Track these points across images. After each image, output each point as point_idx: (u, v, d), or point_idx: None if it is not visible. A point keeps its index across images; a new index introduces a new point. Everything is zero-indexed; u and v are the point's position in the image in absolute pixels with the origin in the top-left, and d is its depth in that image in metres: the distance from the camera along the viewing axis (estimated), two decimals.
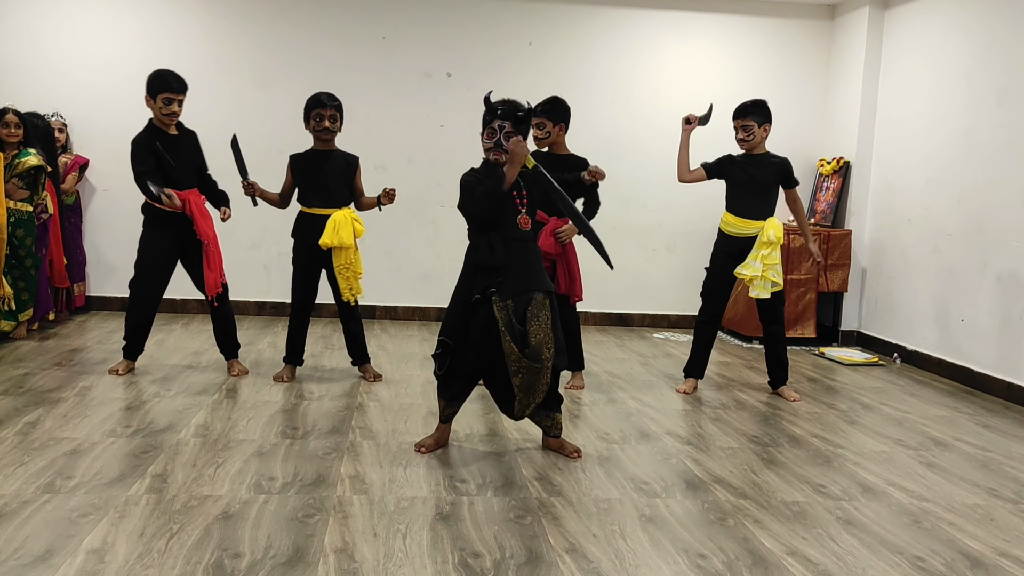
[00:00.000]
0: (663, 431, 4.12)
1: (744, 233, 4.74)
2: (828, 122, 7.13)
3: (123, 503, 2.93)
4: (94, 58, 6.59)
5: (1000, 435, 4.34)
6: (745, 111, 4.73)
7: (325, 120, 4.56)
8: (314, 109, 4.56)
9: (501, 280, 3.43)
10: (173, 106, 4.51)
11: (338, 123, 4.64)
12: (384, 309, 7.02)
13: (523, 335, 3.42)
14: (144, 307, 4.72)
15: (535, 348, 3.40)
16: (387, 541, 2.72)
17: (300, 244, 4.67)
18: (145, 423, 3.86)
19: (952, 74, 5.77)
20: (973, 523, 3.11)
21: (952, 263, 5.67)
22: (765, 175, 4.74)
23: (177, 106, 4.53)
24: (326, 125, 4.57)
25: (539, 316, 3.44)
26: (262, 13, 6.73)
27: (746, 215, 4.74)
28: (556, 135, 4.59)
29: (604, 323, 7.18)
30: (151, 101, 4.51)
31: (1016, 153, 5.14)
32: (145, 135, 4.54)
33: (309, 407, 4.27)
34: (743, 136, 4.74)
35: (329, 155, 4.65)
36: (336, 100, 4.61)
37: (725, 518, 3.05)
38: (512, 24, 6.90)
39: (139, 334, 4.78)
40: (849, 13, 6.87)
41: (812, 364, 5.97)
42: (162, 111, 4.50)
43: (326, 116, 4.56)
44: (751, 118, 4.71)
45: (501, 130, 3.44)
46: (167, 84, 4.48)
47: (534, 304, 3.44)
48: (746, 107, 4.75)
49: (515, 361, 3.41)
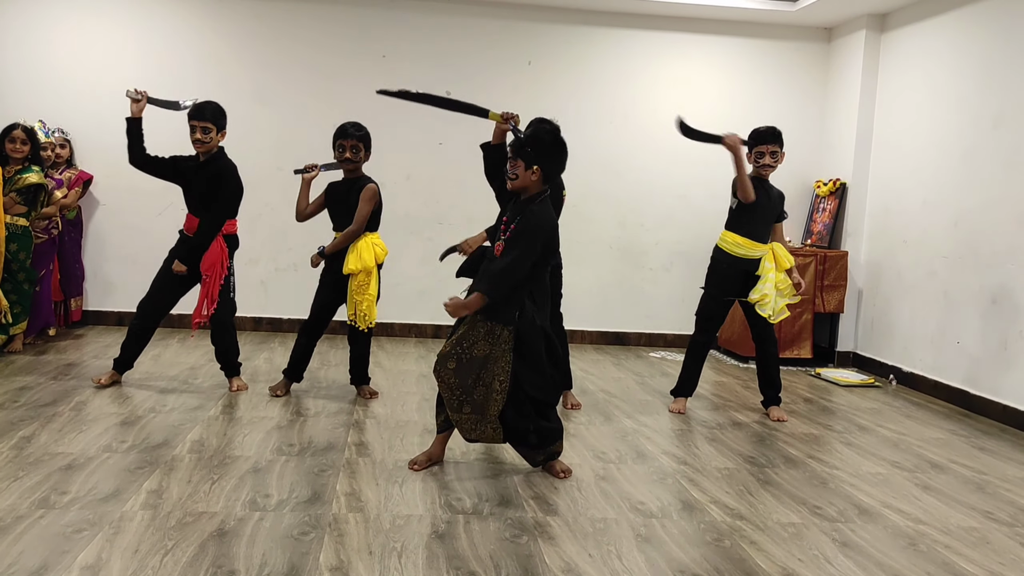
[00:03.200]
0: (659, 451, 4.12)
1: (751, 256, 4.76)
2: (825, 144, 7.17)
3: (118, 519, 2.92)
4: (97, 74, 6.62)
5: (996, 458, 4.34)
6: (777, 137, 4.72)
7: (347, 151, 4.62)
8: (338, 140, 4.63)
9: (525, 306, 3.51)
10: (196, 133, 4.57)
11: (361, 153, 4.68)
12: (380, 326, 7.01)
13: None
14: (142, 318, 4.77)
15: (440, 355, 3.48)
16: (383, 559, 2.71)
17: (329, 267, 4.75)
18: (141, 438, 3.85)
19: (948, 97, 5.81)
20: (969, 546, 3.11)
21: (948, 285, 5.69)
22: (775, 203, 4.81)
23: (200, 133, 4.57)
24: (348, 156, 4.63)
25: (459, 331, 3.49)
26: (264, 30, 6.77)
27: (757, 238, 4.76)
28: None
29: (600, 342, 7.18)
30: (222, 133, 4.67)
31: (1012, 176, 5.17)
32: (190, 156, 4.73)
33: (306, 423, 4.26)
34: (770, 162, 4.71)
35: (354, 183, 4.70)
36: (362, 130, 4.66)
37: (721, 539, 3.04)
38: (511, 44, 6.95)
39: (133, 347, 4.80)
40: (846, 36, 6.93)
41: (808, 385, 5.97)
42: (190, 137, 4.60)
43: (348, 147, 4.62)
44: (778, 144, 4.72)
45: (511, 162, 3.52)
46: (199, 111, 4.59)
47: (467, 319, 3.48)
48: (777, 133, 4.73)
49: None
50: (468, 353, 3.42)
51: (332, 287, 4.73)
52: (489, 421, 3.49)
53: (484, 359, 3.42)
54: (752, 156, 4.73)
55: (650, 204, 7.16)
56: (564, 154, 3.56)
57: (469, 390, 3.44)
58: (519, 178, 3.44)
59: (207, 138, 4.58)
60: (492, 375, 3.43)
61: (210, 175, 4.65)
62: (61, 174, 6.27)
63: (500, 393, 3.44)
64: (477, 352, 3.42)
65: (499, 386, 3.43)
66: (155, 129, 5.05)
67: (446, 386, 3.46)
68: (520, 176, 3.44)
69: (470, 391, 3.44)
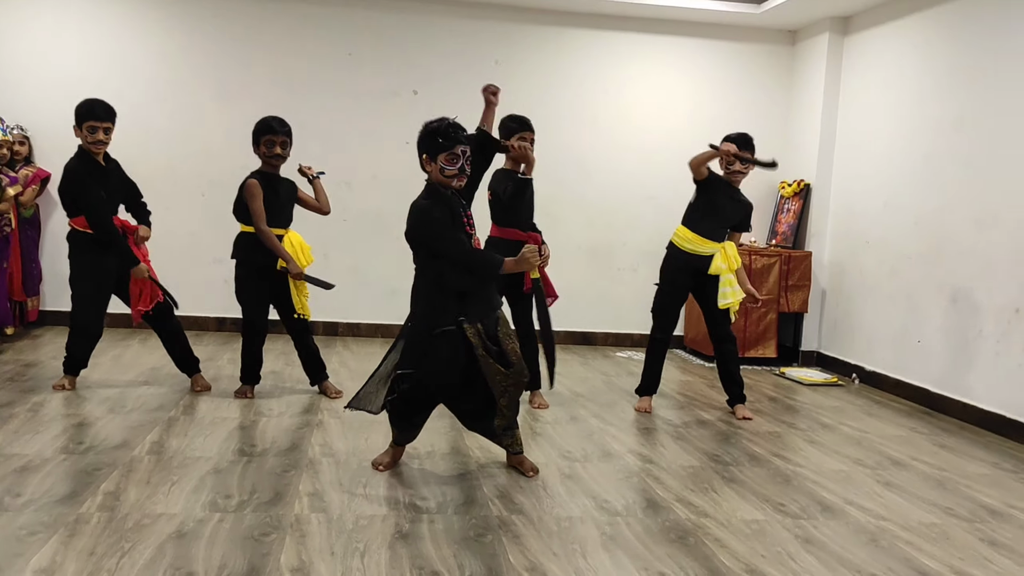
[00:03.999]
0: (625, 449, 4.12)
1: (700, 252, 4.78)
2: (789, 145, 7.24)
3: (73, 521, 2.85)
4: (58, 71, 6.49)
5: (956, 455, 4.40)
6: (748, 144, 4.73)
7: (276, 147, 4.53)
8: (267, 136, 4.51)
9: (467, 305, 3.41)
10: (99, 134, 4.42)
11: (288, 149, 4.61)
12: (347, 326, 6.97)
13: (500, 354, 3.45)
14: (89, 337, 4.65)
15: (519, 364, 3.47)
16: (345, 560, 2.68)
17: (252, 265, 4.58)
18: (99, 440, 3.78)
19: (910, 100, 5.89)
20: (929, 541, 3.15)
21: (909, 285, 5.77)
22: (737, 210, 4.80)
23: (103, 134, 4.44)
24: (277, 152, 4.54)
25: (509, 333, 3.52)
26: (228, 27, 6.68)
27: (709, 236, 4.77)
28: None
29: (568, 341, 7.19)
30: (78, 130, 4.43)
31: (972, 177, 5.25)
32: (80, 164, 4.45)
33: (268, 424, 4.21)
34: (741, 168, 4.72)
35: (280, 179, 4.65)
36: (287, 126, 4.58)
37: (685, 536, 3.05)
38: (479, 44, 6.93)
39: (83, 357, 4.71)
40: (810, 39, 7.00)
41: (773, 384, 6.02)
42: (88, 139, 4.42)
43: (277, 143, 4.53)
44: (749, 151, 4.73)
45: (464, 155, 3.41)
46: (92, 112, 4.40)
47: (501, 323, 3.51)
48: (750, 140, 4.75)
49: (501, 380, 3.43)
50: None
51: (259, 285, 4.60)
52: None
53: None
54: (724, 162, 4.75)
55: (618, 205, 7.18)
56: None
57: None
58: None
59: (109, 138, 4.49)
60: None
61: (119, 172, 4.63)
62: (18, 171, 6.15)
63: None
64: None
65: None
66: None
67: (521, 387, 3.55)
68: None
69: None
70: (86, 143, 4.44)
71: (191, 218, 6.71)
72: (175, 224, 6.48)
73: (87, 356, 4.69)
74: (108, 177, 4.54)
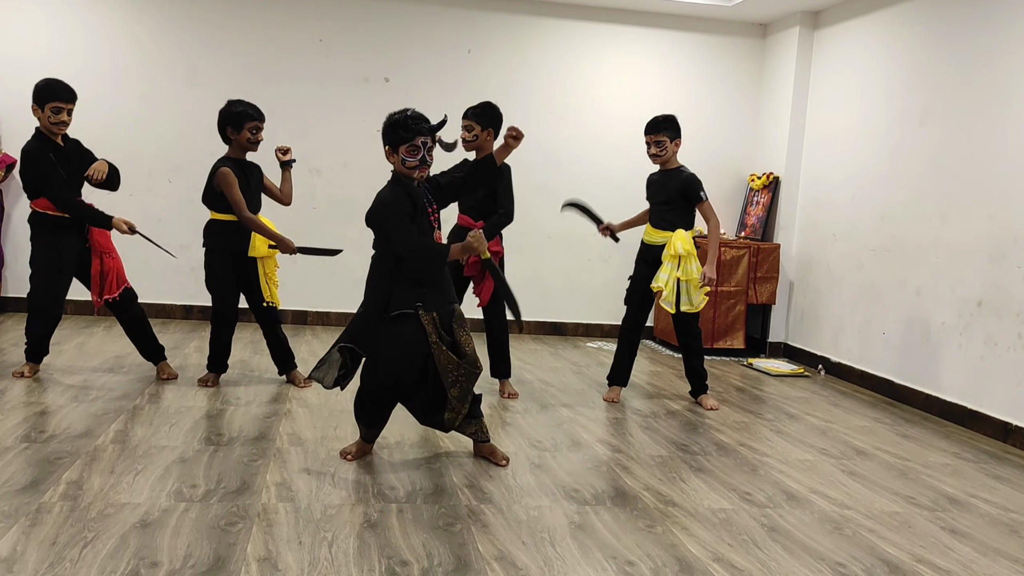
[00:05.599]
0: (594, 439, 4.14)
1: (654, 242, 4.86)
2: (759, 137, 7.29)
3: (35, 510, 2.81)
4: (25, 56, 6.35)
5: (918, 445, 4.48)
6: (658, 127, 4.75)
7: (260, 132, 4.53)
8: (248, 122, 4.46)
9: (424, 292, 3.42)
10: (62, 115, 4.35)
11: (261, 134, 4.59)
12: (316, 315, 6.92)
13: (453, 344, 3.46)
14: (48, 319, 4.57)
15: (472, 356, 3.47)
16: (312, 549, 2.66)
17: (224, 252, 4.53)
18: (62, 428, 3.72)
19: (878, 94, 5.96)
20: (892, 530, 3.20)
21: (875, 278, 5.84)
22: (669, 189, 4.80)
23: (67, 115, 4.37)
24: (260, 138, 4.53)
25: (463, 325, 3.53)
26: (198, 10, 6.58)
27: (656, 225, 4.87)
28: (484, 139, 4.52)
29: (538, 332, 7.20)
30: (38, 110, 4.35)
31: (936, 171, 5.32)
32: (38, 144, 4.38)
33: (235, 413, 4.17)
34: (656, 151, 4.77)
35: (251, 164, 4.61)
36: (262, 113, 4.56)
37: (653, 525, 3.07)
38: (451, 31, 6.90)
39: (43, 340, 4.62)
40: (780, 32, 7.05)
41: (740, 375, 6.08)
42: (50, 120, 4.34)
43: (261, 129, 4.53)
44: (663, 133, 4.74)
45: (424, 146, 3.39)
46: (55, 93, 4.33)
47: (457, 315, 3.52)
48: (658, 122, 4.76)
49: (453, 371, 3.42)
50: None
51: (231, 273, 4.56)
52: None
53: None
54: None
55: (588, 195, 7.08)
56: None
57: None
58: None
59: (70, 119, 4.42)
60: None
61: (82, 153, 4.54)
62: None
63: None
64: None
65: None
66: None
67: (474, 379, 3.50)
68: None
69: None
70: (46, 124, 4.36)
71: (157, 204, 6.61)
72: (141, 210, 6.37)
73: (47, 339, 4.61)
74: (68, 157, 4.47)
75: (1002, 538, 3.20)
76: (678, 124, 4.80)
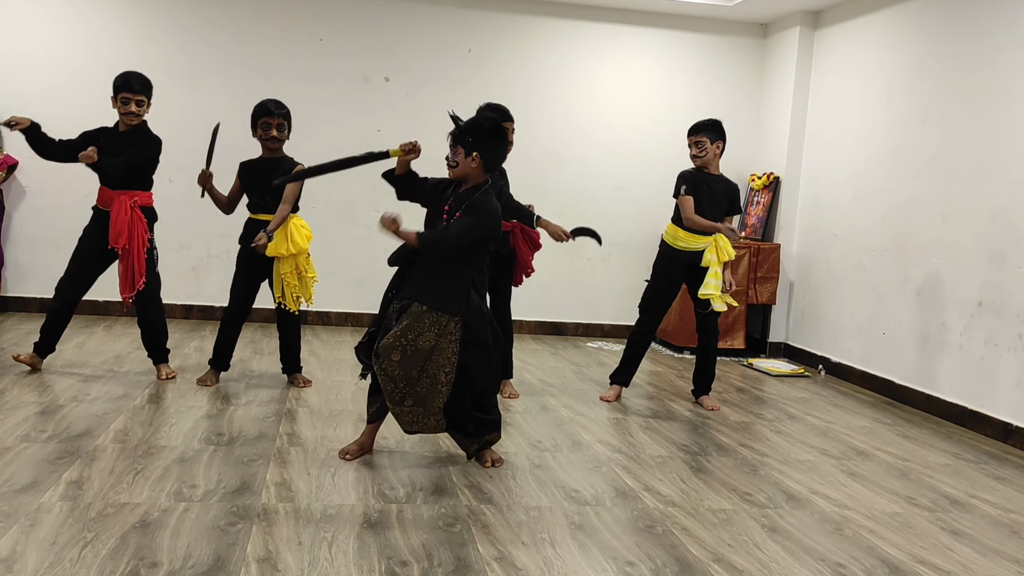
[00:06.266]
0: (594, 439, 4.13)
1: (693, 248, 4.80)
2: (759, 138, 7.28)
3: (35, 510, 2.81)
4: (23, 56, 6.34)
5: (919, 445, 4.47)
6: (699, 128, 4.81)
7: (272, 129, 4.52)
8: (261, 118, 4.50)
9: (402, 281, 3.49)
10: (130, 106, 4.44)
11: (286, 131, 4.59)
12: (317, 314, 6.92)
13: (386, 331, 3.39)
14: (60, 298, 4.60)
15: (382, 347, 3.33)
16: (312, 550, 2.66)
17: (242, 248, 4.61)
18: (62, 428, 3.72)
19: (879, 94, 5.95)
20: (892, 531, 3.19)
21: (875, 278, 5.84)
22: (721, 195, 4.82)
23: (135, 106, 4.45)
24: (273, 134, 4.52)
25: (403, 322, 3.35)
26: (198, 9, 6.58)
27: (699, 231, 4.79)
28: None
29: (538, 331, 7.19)
30: (114, 101, 4.48)
31: (937, 171, 5.32)
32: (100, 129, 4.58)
33: (236, 413, 4.17)
34: (696, 152, 4.80)
35: (278, 163, 4.58)
36: (284, 108, 4.56)
37: (653, 526, 3.07)
38: (452, 31, 6.89)
39: (53, 329, 4.63)
40: (781, 32, 7.04)
41: (741, 375, 6.07)
42: (120, 111, 4.46)
43: (273, 125, 4.52)
44: (703, 134, 4.77)
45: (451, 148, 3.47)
46: (125, 83, 4.46)
47: (410, 311, 3.37)
48: (700, 124, 4.82)
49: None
50: (414, 344, 3.32)
51: (248, 272, 4.60)
52: (433, 413, 3.43)
53: (430, 350, 3.34)
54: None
55: (588, 195, 7.18)
56: (502, 142, 3.54)
57: (413, 382, 3.35)
58: (459, 165, 3.43)
59: (141, 111, 4.48)
60: (438, 367, 3.36)
61: (136, 143, 4.50)
62: None
63: (445, 385, 3.39)
64: (423, 343, 3.33)
65: (444, 378, 3.38)
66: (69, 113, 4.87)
67: (388, 378, 3.34)
68: (461, 164, 3.42)
69: (414, 383, 3.35)
70: (119, 114, 4.50)
71: (157, 204, 6.55)
72: None
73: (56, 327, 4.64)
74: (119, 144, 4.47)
75: (1002, 539, 3.20)
76: (722, 128, 4.83)
